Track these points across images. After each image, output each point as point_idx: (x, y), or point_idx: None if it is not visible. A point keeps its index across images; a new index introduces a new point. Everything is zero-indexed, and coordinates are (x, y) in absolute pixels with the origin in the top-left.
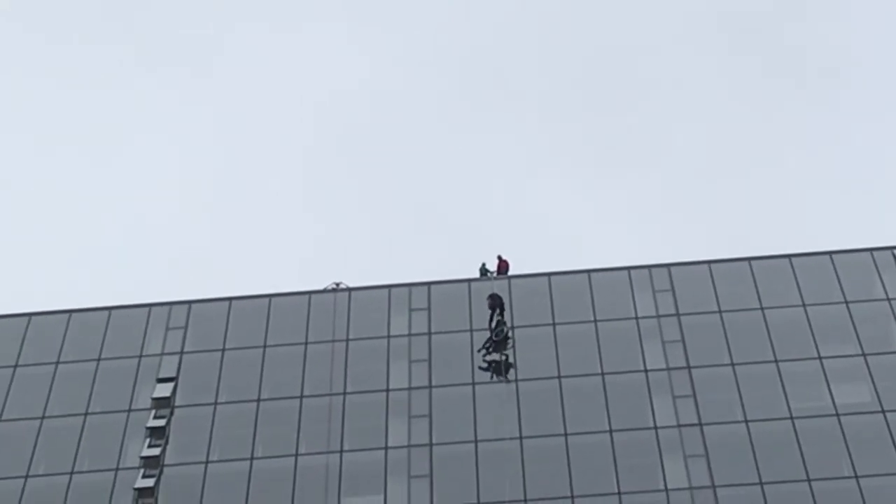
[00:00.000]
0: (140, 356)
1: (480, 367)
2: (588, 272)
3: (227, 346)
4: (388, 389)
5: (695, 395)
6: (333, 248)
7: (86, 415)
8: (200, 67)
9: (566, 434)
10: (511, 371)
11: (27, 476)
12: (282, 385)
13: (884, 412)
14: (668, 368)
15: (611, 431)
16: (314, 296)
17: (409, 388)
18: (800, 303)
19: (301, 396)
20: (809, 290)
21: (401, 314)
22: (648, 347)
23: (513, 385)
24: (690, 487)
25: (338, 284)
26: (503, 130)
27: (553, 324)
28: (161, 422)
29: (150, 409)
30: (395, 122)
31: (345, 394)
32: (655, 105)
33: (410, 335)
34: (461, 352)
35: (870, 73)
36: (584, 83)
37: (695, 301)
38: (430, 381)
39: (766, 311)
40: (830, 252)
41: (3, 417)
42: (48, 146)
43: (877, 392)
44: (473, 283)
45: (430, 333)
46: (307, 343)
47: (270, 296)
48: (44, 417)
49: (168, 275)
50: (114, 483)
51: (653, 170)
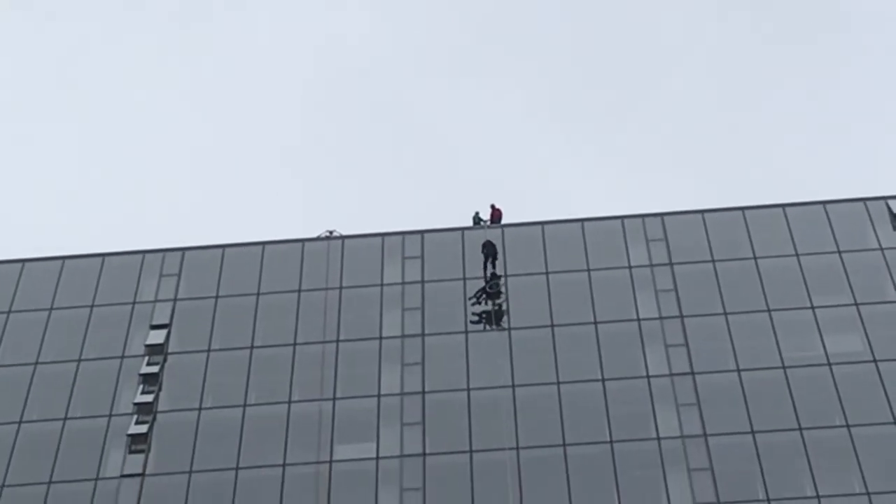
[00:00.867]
0: (133, 303)
1: (473, 316)
2: (581, 221)
3: (221, 294)
4: (381, 337)
5: (687, 344)
6: (328, 197)
7: (79, 361)
8: (198, 15)
9: (559, 382)
10: (504, 319)
11: (20, 422)
12: (275, 332)
13: (875, 361)
14: (661, 317)
15: (603, 380)
16: (307, 244)
17: (402, 336)
18: (793, 252)
19: (294, 344)
20: (802, 240)
21: (394, 262)
22: (641, 296)
23: (505, 333)
24: (682, 436)
25: (331, 232)
26: (500, 81)
27: (546, 272)
28: (154, 368)
29: (144, 356)
30: (392, 72)
31: (338, 341)
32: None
33: (404, 283)
34: (454, 300)
35: (867, 18)
36: (581, 35)
37: (688, 250)
38: (423, 329)
39: (759, 261)
40: (824, 202)
41: None
42: (44, 90)
43: (869, 341)
44: (467, 232)
45: (424, 281)
46: (300, 291)
47: (264, 243)
48: (37, 363)
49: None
50: (107, 429)
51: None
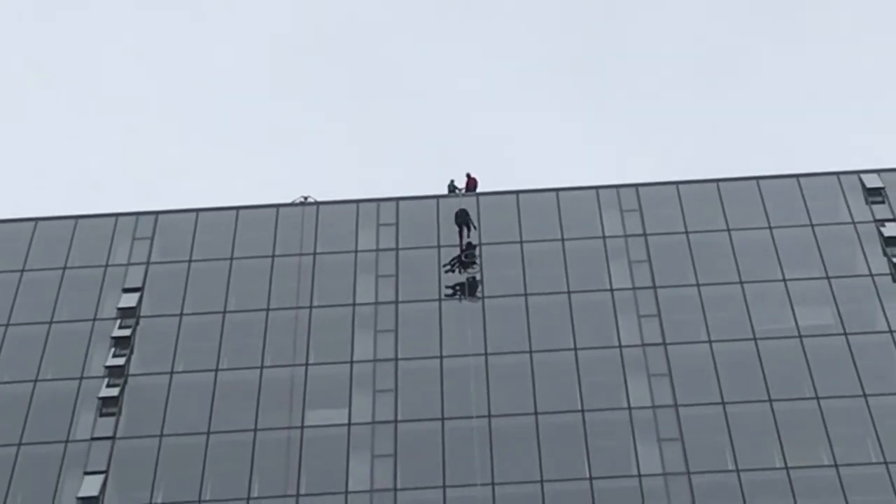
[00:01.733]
0: (106, 266)
1: (447, 284)
2: (556, 191)
3: (194, 258)
4: (355, 304)
5: (660, 315)
6: (302, 162)
7: (51, 323)
8: None
9: (531, 351)
10: (478, 288)
11: None
12: (248, 297)
13: (846, 335)
14: (634, 288)
15: (575, 349)
16: (282, 209)
17: (376, 303)
18: (766, 225)
19: (267, 309)
20: (776, 213)
21: (369, 229)
22: (615, 266)
23: (479, 302)
24: (653, 406)
25: (306, 198)
26: (476, 48)
27: (520, 241)
28: (126, 332)
29: (116, 319)
30: (366, 37)
31: (311, 307)
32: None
33: (378, 250)
34: (428, 268)
35: None
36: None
37: (662, 221)
38: (397, 297)
39: (733, 233)
40: (797, 175)
41: None
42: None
43: (840, 315)
44: (442, 200)
45: (398, 249)
46: (274, 256)
47: (238, 208)
48: (8, 325)
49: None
50: (78, 392)
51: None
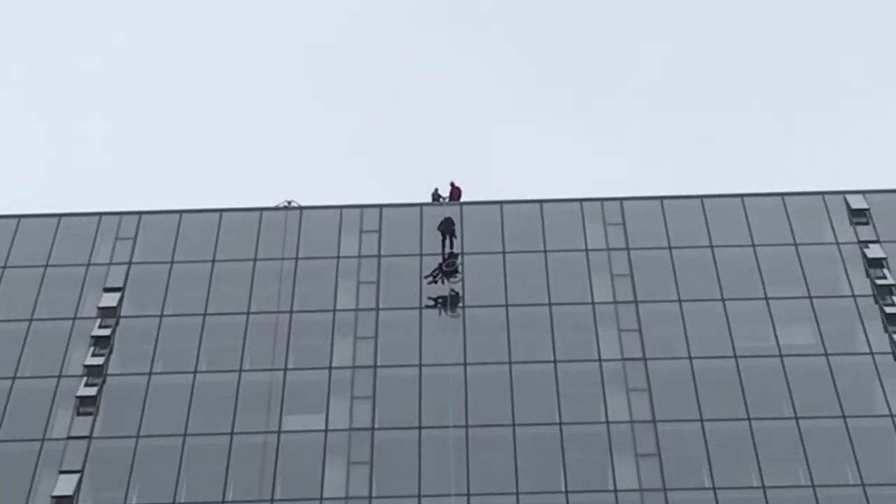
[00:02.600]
0: (88, 264)
1: (429, 296)
2: (540, 202)
3: (176, 259)
4: (335, 310)
5: (640, 330)
6: (286, 167)
7: (31, 321)
8: None
9: (510, 362)
10: (458, 297)
11: None
12: (229, 300)
13: (826, 355)
14: (616, 302)
15: (555, 362)
16: (265, 213)
17: (356, 310)
18: (749, 243)
19: (248, 313)
20: (759, 231)
21: (351, 235)
22: (597, 280)
23: (459, 311)
24: (632, 421)
25: (289, 202)
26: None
27: (503, 252)
28: (106, 331)
29: (96, 318)
30: (356, 45)
31: (291, 312)
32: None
33: (360, 256)
34: (410, 275)
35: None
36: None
37: (645, 236)
38: (378, 304)
39: (716, 250)
40: (782, 193)
41: None
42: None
43: (821, 335)
44: (425, 208)
45: (380, 256)
46: (256, 259)
47: (221, 210)
48: None
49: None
50: (56, 390)
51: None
